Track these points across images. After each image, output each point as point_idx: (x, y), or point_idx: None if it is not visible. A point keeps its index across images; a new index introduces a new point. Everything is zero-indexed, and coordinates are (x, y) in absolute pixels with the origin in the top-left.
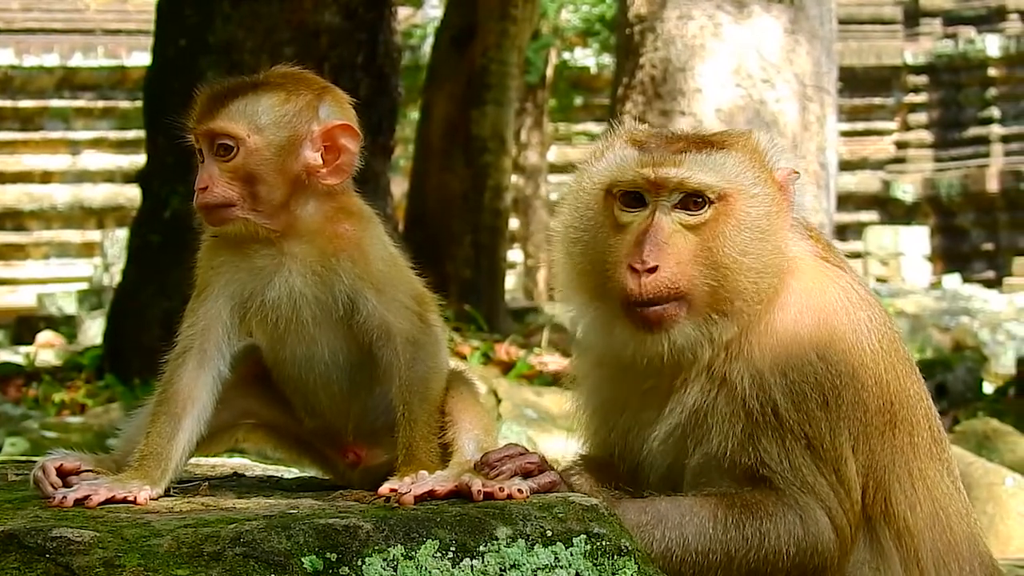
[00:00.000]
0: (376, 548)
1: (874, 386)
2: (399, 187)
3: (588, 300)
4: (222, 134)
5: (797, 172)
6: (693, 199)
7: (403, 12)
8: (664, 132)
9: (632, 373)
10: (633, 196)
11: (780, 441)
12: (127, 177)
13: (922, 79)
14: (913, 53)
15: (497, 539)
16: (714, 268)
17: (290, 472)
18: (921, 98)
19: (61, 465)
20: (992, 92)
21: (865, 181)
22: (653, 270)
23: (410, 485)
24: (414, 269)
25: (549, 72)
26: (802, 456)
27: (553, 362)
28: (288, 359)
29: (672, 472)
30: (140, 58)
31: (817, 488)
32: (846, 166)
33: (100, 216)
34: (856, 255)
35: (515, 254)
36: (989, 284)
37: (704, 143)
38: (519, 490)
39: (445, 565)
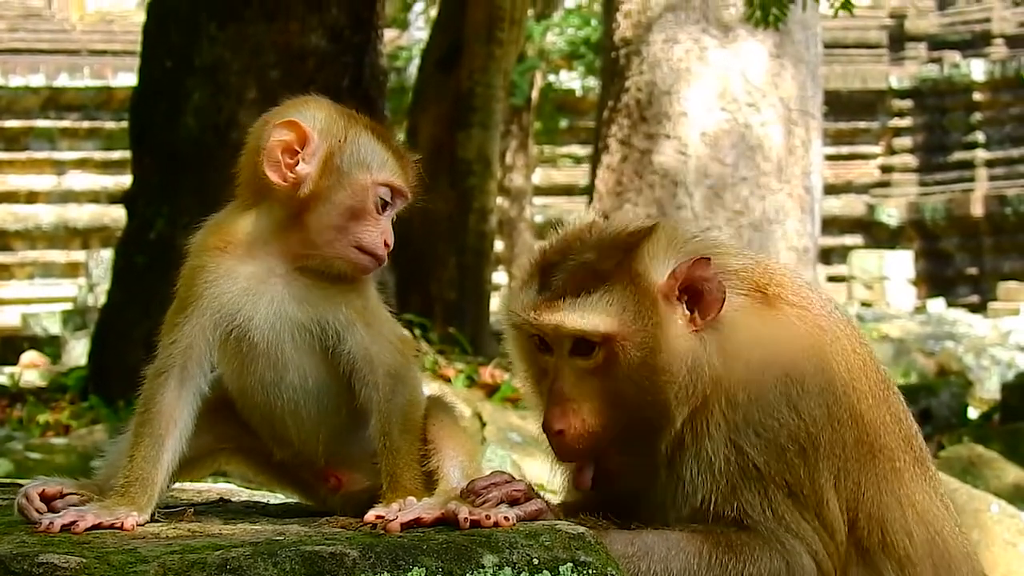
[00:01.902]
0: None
1: (848, 420)
2: None
3: None
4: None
5: (708, 258)
6: (583, 343)
7: (389, 34)
8: (563, 262)
9: None
10: (540, 339)
11: (762, 491)
12: (112, 198)
13: (907, 103)
14: (898, 77)
15: (484, 567)
16: (622, 408)
17: (276, 498)
18: (906, 122)
19: (43, 490)
20: (977, 117)
21: (850, 205)
22: (559, 433)
23: (397, 512)
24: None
25: (535, 95)
26: (784, 503)
27: None
28: (255, 386)
29: (655, 515)
30: (126, 79)
31: (801, 532)
32: (831, 190)
33: (85, 236)
34: (840, 279)
35: (500, 276)
36: (974, 309)
37: (587, 277)
38: (505, 518)
39: None
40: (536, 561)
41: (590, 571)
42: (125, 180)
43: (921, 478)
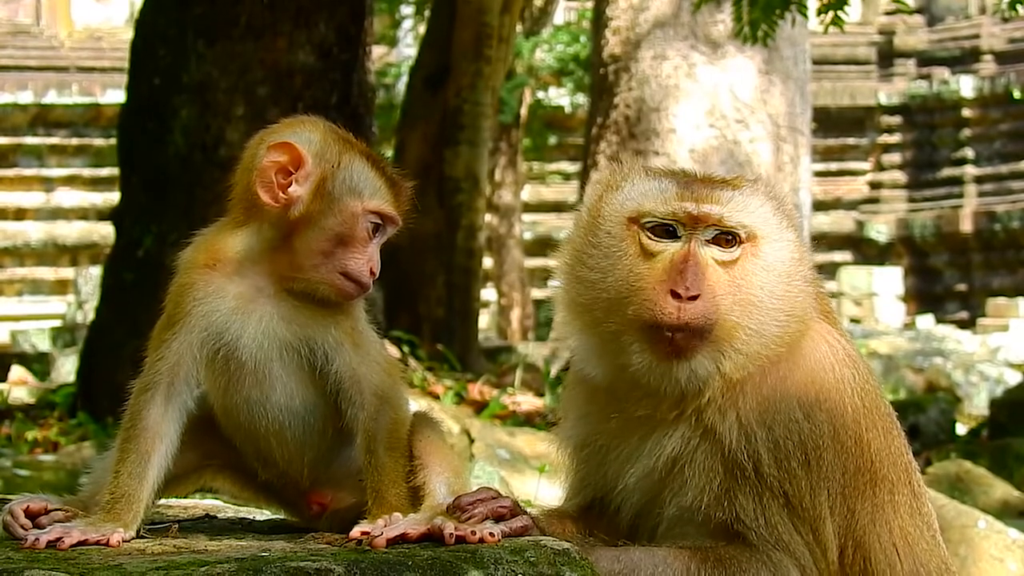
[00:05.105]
0: None
1: (855, 447)
2: None
3: (597, 326)
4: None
5: None
6: (725, 236)
7: (377, 51)
8: (684, 169)
9: (624, 403)
10: (665, 228)
11: (757, 498)
12: (101, 215)
13: (896, 120)
14: (887, 94)
15: None
16: (742, 305)
17: (262, 514)
18: (895, 138)
19: (28, 507)
20: (966, 133)
21: (839, 221)
22: (695, 298)
23: (382, 528)
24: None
25: (523, 111)
26: (779, 514)
27: (526, 402)
28: (240, 405)
29: (646, 513)
30: (114, 96)
31: (792, 546)
32: (820, 206)
33: (74, 254)
34: (830, 295)
35: (488, 293)
36: (962, 325)
37: (733, 184)
38: (491, 534)
39: None
40: None
41: None
42: (114, 197)
43: (917, 512)
